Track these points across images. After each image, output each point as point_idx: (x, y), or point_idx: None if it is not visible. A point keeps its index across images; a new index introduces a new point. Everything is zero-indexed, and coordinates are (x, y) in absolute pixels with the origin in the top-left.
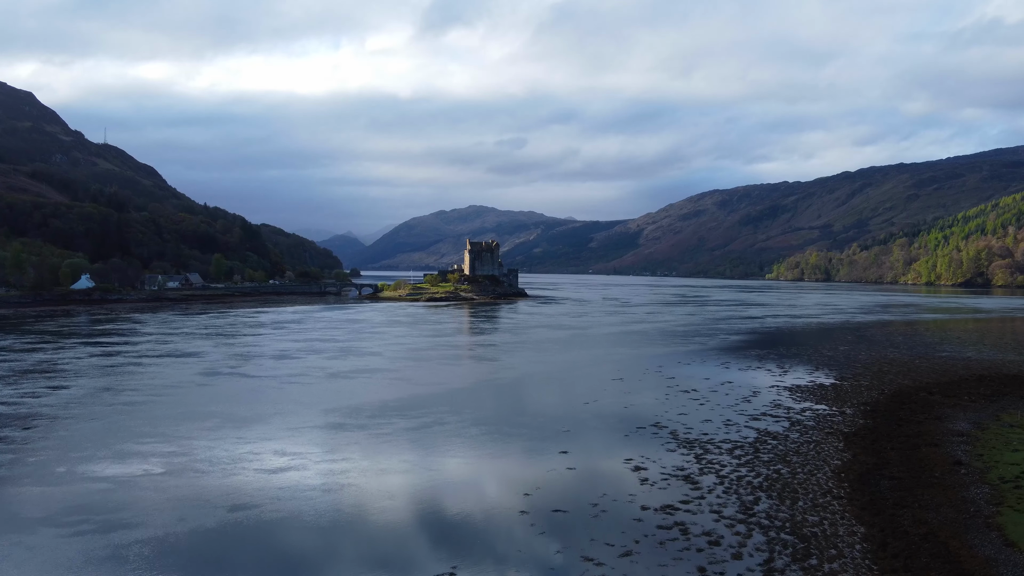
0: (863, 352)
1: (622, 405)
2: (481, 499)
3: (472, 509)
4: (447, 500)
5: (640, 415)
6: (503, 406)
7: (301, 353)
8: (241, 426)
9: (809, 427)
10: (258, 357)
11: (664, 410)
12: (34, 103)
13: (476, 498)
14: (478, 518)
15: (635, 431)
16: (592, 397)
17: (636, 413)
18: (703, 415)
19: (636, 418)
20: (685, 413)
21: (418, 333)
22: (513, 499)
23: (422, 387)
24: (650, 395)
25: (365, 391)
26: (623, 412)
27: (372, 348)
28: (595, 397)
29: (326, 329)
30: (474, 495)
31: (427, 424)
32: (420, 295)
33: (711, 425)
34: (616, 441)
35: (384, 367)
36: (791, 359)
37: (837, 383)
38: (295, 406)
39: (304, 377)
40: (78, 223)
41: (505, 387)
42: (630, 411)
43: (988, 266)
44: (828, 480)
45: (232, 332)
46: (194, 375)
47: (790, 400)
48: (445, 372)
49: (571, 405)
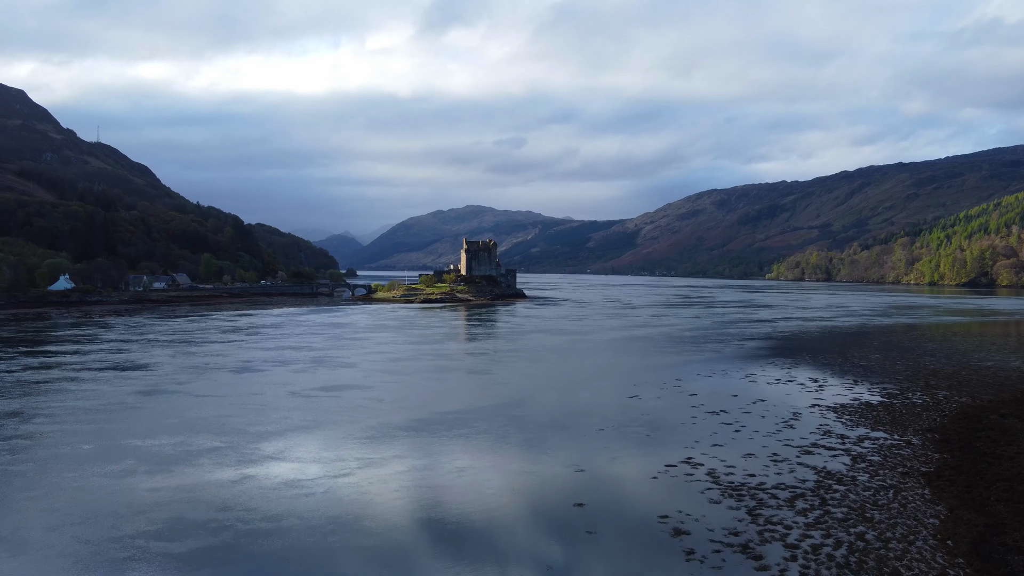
0: (898, 361)
1: (643, 433)
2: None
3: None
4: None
5: (667, 447)
6: (489, 441)
7: (266, 365)
8: (128, 474)
9: (876, 464)
10: (215, 370)
11: (694, 439)
12: (25, 101)
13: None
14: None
15: (664, 471)
16: (605, 421)
17: (661, 444)
18: (742, 445)
19: (663, 451)
20: (720, 444)
21: (404, 339)
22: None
23: (390, 415)
24: (674, 418)
25: (319, 421)
26: (645, 442)
27: (348, 358)
28: (608, 421)
29: (305, 335)
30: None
31: (381, 478)
32: (415, 296)
33: (756, 462)
34: (643, 488)
35: (354, 383)
36: (822, 370)
37: (885, 401)
38: (225, 445)
39: (256, 399)
40: (63, 222)
41: (495, 412)
42: (654, 441)
43: (992, 266)
44: (934, 553)
45: (200, 339)
46: (128, 395)
47: (839, 424)
48: (424, 391)
49: (580, 435)
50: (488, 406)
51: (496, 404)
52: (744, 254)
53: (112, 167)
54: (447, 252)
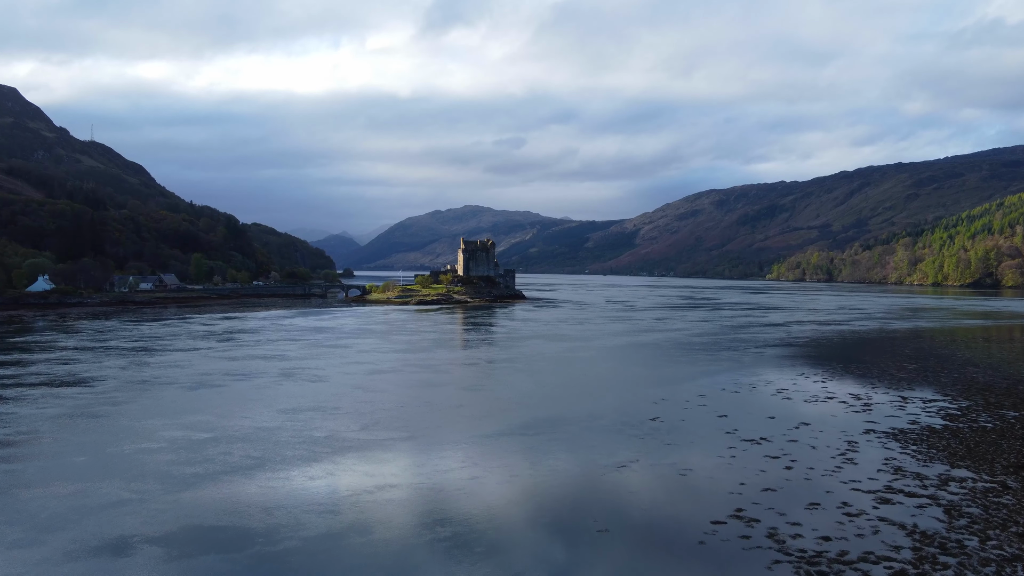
0: (941, 373)
1: (675, 471)
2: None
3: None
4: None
5: (708, 493)
6: (472, 501)
7: (225, 380)
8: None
9: (979, 519)
10: (163, 387)
11: (739, 481)
12: (17, 99)
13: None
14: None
15: (712, 531)
16: (623, 453)
17: (700, 489)
18: (800, 490)
19: (704, 501)
20: (773, 488)
21: (389, 346)
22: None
23: (344, 452)
24: (708, 451)
25: (265, 459)
26: (680, 486)
27: (322, 370)
28: (628, 452)
29: (282, 341)
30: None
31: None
32: (410, 298)
33: (825, 516)
34: (689, 561)
35: (317, 406)
36: (860, 383)
37: (949, 424)
38: (133, 497)
39: (195, 428)
40: (49, 221)
41: (481, 446)
42: (690, 485)
43: (998, 266)
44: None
45: (164, 347)
46: (46, 420)
47: (907, 457)
48: (397, 415)
49: (592, 472)
50: (473, 432)
51: (481, 436)
52: (744, 254)
53: (105, 166)
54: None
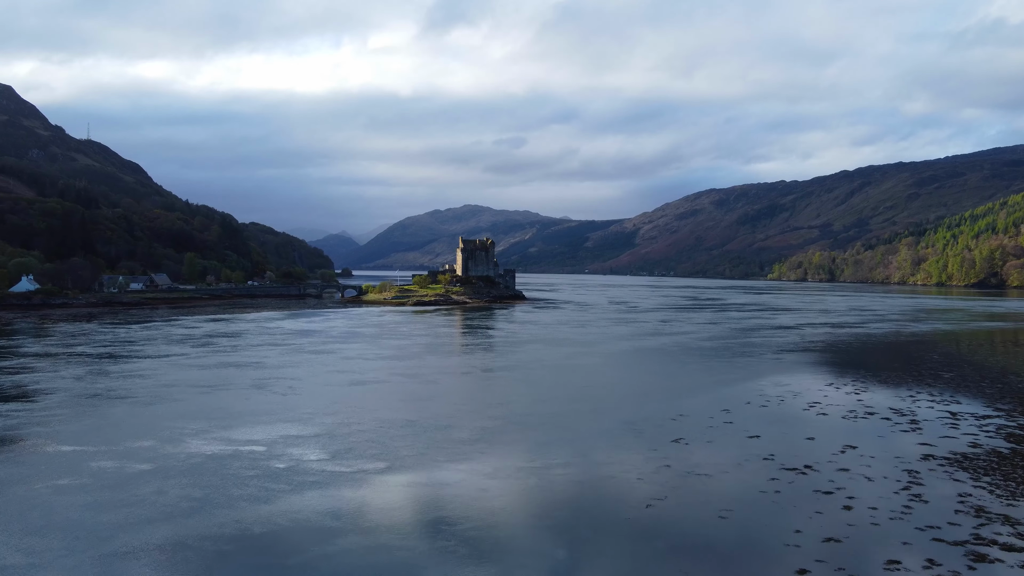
0: (983, 383)
1: (713, 514)
2: None
3: None
4: None
5: (761, 549)
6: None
7: (188, 393)
8: None
9: None
10: (116, 401)
11: (794, 528)
12: (12, 97)
13: None
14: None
15: None
16: (645, 490)
17: (749, 539)
18: (875, 548)
19: (759, 559)
20: (836, 538)
21: (377, 352)
22: None
23: (304, 491)
24: (746, 484)
25: (190, 516)
26: (723, 535)
27: (298, 381)
28: (651, 489)
29: (263, 346)
30: None
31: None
32: (407, 298)
33: None
34: None
35: (284, 427)
36: (899, 395)
37: (1016, 447)
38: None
39: (134, 457)
40: (39, 219)
41: (470, 480)
42: (734, 534)
43: (1003, 266)
44: None
45: (134, 353)
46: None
47: (984, 493)
48: (375, 440)
49: (611, 517)
50: (459, 471)
51: (470, 469)
52: (744, 254)
53: (101, 164)
54: (444, 252)
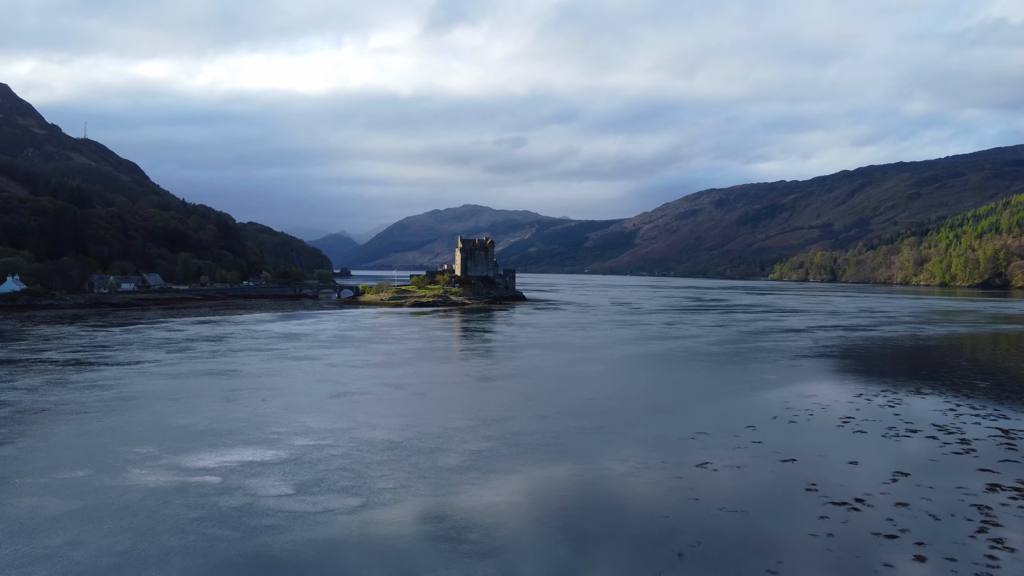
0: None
1: (760, 571)
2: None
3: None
4: None
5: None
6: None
7: (151, 403)
8: None
9: None
10: (63, 418)
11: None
12: (7, 95)
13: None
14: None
15: None
16: (677, 542)
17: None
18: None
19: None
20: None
21: (365, 358)
22: None
23: (256, 537)
24: (794, 525)
25: (132, 555)
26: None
27: (274, 392)
28: (684, 540)
29: (244, 351)
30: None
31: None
32: (404, 299)
33: None
34: None
35: (244, 451)
36: (936, 408)
37: None
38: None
39: (53, 498)
40: (30, 218)
41: (455, 521)
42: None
43: (1007, 267)
44: None
45: (104, 358)
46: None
47: None
48: (349, 468)
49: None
50: (442, 509)
51: (456, 508)
52: (744, 254)
53: (97, 163)
54: (443, 252)
